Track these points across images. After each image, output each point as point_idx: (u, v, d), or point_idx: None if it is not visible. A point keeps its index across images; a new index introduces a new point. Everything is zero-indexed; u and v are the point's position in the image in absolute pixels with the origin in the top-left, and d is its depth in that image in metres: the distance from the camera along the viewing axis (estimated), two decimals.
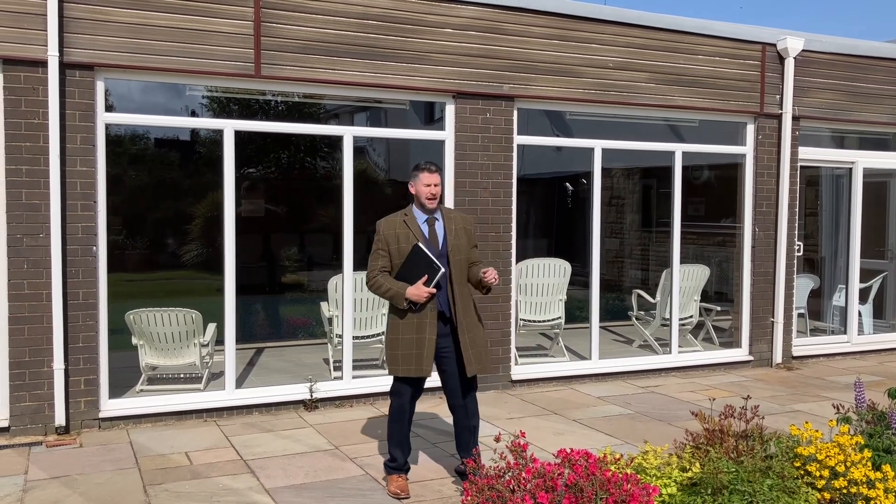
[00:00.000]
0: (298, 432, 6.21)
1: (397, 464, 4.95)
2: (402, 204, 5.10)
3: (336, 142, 10.19)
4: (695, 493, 4.23)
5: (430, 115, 8.41)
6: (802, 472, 4.37)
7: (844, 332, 9.79)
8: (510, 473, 4.12)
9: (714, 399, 6.27)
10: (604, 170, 8.15)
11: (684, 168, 8.58)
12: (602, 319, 8.30)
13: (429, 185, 4.79)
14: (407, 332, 4.73)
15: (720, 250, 10.48)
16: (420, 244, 4.69)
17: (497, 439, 4.40)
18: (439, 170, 4.87)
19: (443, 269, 4.67)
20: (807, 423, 4.76)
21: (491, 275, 4.74)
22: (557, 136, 8.45)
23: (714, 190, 10.88)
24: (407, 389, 4.85)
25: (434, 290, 4.68)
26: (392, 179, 12.07)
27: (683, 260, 8.76)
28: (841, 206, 10.08)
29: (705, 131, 8.78)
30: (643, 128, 8.58)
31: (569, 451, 4.29)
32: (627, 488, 3.98)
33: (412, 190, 4.87)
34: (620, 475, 4.08)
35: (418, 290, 4.65)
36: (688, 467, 4.45)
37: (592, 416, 6.76)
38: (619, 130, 8.38)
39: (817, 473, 4.29)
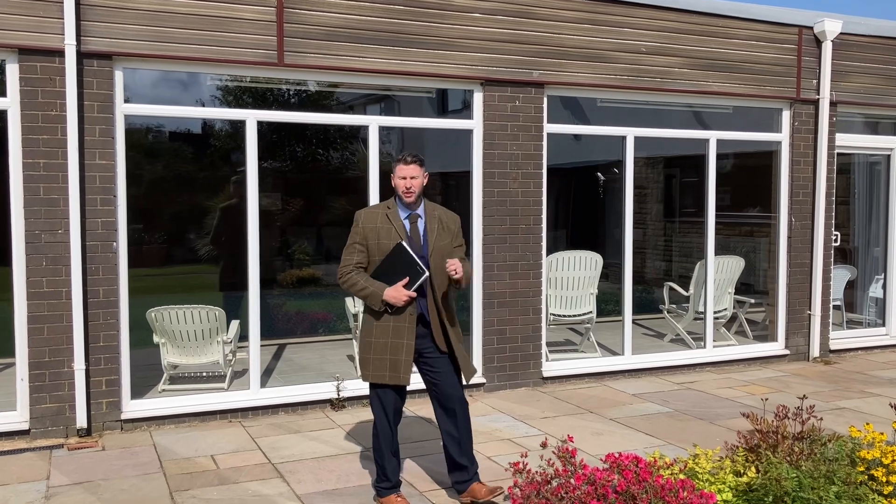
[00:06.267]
0: (327, 433, 6.00)
1: (390, 483, 4.55)
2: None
3: (356, 132, 10.00)
4: (754, 501, 4.00)
5: (444, 106, 8.10)
6: (866, 478, 4.12)
7: (882, 325, 9.49)
8: (557, 480, 3.91)
9: (767, 398, 5.98)
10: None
11: (717, 156, 8.29)
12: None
13: (404, 178, 4.40)
14: (382, 335, 4.37)
15: (747, 241, 10.17)
16: (403, 243, 4.34)
17: (544, 445, 4.19)
18: (420, 161, 4.44)
19: (426, 273, 4.31)
20: (867, 423, 4.51)
21: (452, 266, 4.28)
22: (588, 124, 8.15)
23: (740, 179, 10.55)
24: (387, 397, 4.47)
25: (414, 294, 4.31)
26: None
27: None
28: (876, 194, 9.75)
29: (736, 118, 8.47)
30: (672, 115, 8.29)
31: (617, 455, 4.08)
32: (684, 496, 3.75)
33: (392, 182, 4.50)
34: (675, 481, 3.85)
35: (397, 293, 4.28)
36: (742, 471, 4.22)
37: (630, 414, 6.51)
38: (647, 118, 8.10)
39: (884, 479, 4.04)
